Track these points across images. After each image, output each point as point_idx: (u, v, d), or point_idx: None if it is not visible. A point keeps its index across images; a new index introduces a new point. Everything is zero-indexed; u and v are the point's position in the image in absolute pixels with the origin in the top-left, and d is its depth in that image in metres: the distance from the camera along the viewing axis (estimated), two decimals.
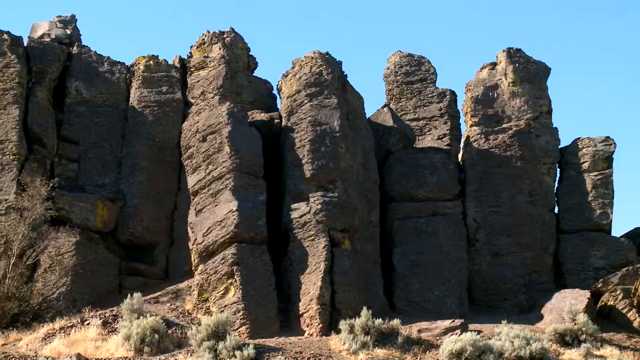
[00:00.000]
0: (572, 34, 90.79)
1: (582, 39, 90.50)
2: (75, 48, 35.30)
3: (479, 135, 34.93)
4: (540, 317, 30.62)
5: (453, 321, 28.53)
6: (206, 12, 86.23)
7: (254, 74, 35.69)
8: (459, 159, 35.47)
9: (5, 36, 33.59)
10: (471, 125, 35.21)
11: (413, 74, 36.94)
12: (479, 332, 27.55)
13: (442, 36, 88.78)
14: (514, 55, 35.67)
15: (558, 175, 35.14)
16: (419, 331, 27.89)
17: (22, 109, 32.68)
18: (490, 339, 26.85)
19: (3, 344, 27.12)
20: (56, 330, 27.34)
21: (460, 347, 25.58)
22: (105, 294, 31.21)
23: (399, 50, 37.52)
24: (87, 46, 35.39)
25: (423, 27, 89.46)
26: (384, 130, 35.10)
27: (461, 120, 36.36)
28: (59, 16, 36.63)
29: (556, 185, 35.00)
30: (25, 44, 34.24)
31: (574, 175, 34.88)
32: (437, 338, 27.54)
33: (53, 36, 35.69)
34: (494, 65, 36.09)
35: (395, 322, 27.37)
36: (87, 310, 28.43)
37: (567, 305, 29.36)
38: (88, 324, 27.59)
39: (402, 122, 35.72)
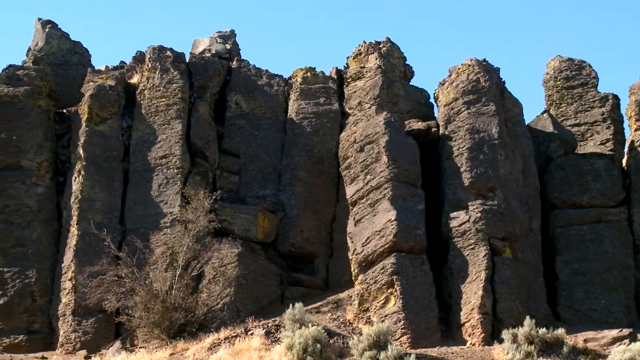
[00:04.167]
0: None
1: None
2: (234, 62, 35.95)
3: None
4: None
5: (621, 330, 27.79)
6: (362, 22, 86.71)
7: (410, 83, 35.60)
8: (623, 165, 34.54)
9: (169, 53, 34.48)
10: (636, 130, 34.23)
11: (573, 78, 36.16)
12: None
13: (603, 39, 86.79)
14: None
15: None
16: (585, 341, 27.28)
17: (184, 124, 33.44)
18: None
19: (171, 354, 27.81)
20: (221, 340, 27.81)
21: (630, 357, 24.92)
22: (267, 304, 31.59)
23: (558, 55, 36.84)
24: (246, 60, 36.00)
25: (583, 30, 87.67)
26: (544, 136, 34.50)
27: (625, 125, 35.47)
28: (219, 32, 37.40)
29: None
30: (187, 60, 35.08)
31: None
32: (605, 348, 26.88)
33: (213, 51, 36.44)
34: None
35: (560, 331, 26.84)
36: (251, 321, 28.83)
37: None
38: (252, 333, 27.98)
39: (562, 128, 35.08)
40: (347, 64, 35.59)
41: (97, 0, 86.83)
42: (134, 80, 35.01)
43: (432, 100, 34.59)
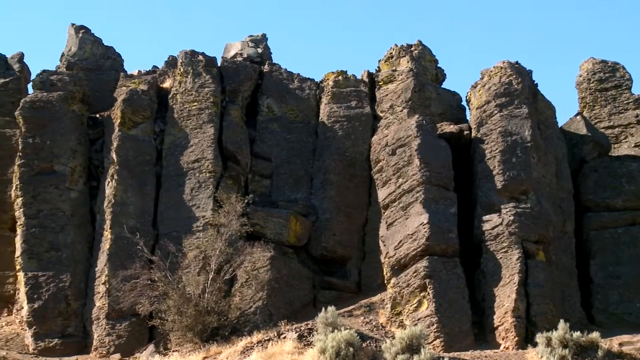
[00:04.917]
0: None
1: None
2: (266, 66, 36.01)
3: None
4: None
5: None
6: (394, 25, 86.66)
7: (442, 86, 35.51)
8: None
9: (200, 57, 34.62)
10: None
11: (607, 80, 35.97)
12: None
13: (636, 40, 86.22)
14: None
15: None
16: (620, 344, 27.08)
17: (216, 128, 33.52)
18: None
19: (204, 357, 27.87)
20: (254, 344, 27.84)
21: None
22: (300, 307, 31.59)
23: (591, 57, 36.69)
24: (277, 64, 36.05)
25: (616, 32, 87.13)
26: (578, 139, 34.33)
27: None
28: (251, 36, 37.50)
29: None
30: (219, 64, 35.20)
31: None
32: None
33: (245, 55, 36.53)
34: None
35: (595, 335, 26.60)
36: (283, 324, 28.84)
37: None
38: (284, 337, 27.99)
39: (596, 130, 34.88)
40: (378, 67, 35.55)
41: (130, 5, 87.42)
42: (167, 84, 35.17)
43: (464, 103, 34.51)
